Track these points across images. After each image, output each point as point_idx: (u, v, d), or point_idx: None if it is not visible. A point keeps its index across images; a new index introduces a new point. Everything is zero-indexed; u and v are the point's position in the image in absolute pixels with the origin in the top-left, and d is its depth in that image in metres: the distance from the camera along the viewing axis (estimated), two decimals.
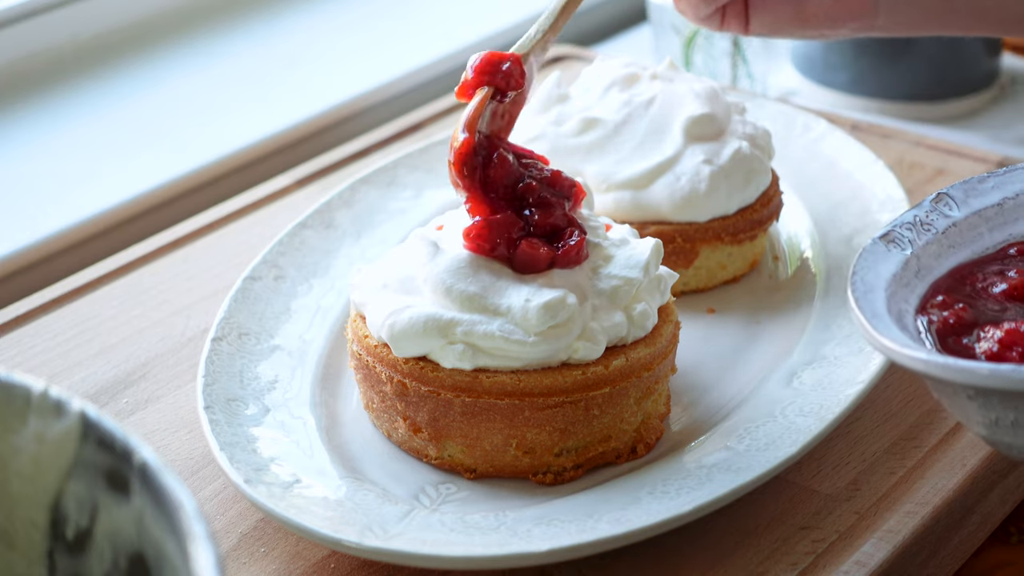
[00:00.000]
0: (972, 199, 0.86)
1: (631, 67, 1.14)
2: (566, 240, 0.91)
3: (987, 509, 0.93)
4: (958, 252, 0.85)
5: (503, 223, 0.90)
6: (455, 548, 0.82)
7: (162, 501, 0.58)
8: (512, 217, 0.91)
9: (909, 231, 0.84)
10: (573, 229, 0.91)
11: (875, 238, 0.83)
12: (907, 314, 0.80)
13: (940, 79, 1.46)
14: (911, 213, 0.85)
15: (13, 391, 0.65)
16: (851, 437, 0.95)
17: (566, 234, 0.91)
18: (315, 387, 0.98)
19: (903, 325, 0.78)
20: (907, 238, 0.83)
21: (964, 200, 0.86)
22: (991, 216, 0.86)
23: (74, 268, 1.21)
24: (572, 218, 0.92)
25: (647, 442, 0.92)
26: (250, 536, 0.89)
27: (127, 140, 1.38)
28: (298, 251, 1.11)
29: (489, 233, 0.90)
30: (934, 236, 0.84)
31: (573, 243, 0.90)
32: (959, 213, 0.86)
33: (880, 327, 0.75)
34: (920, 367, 0.72)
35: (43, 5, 1.47)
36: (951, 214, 0.85)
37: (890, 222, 0.85)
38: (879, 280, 0.80)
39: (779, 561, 0.85)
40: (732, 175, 1.07)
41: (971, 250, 0.85)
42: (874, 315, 0.77)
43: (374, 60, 1.53)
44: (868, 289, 0.79)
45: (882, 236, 0.83)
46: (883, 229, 0.84)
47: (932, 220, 0.85)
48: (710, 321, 1.06)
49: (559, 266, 0.90)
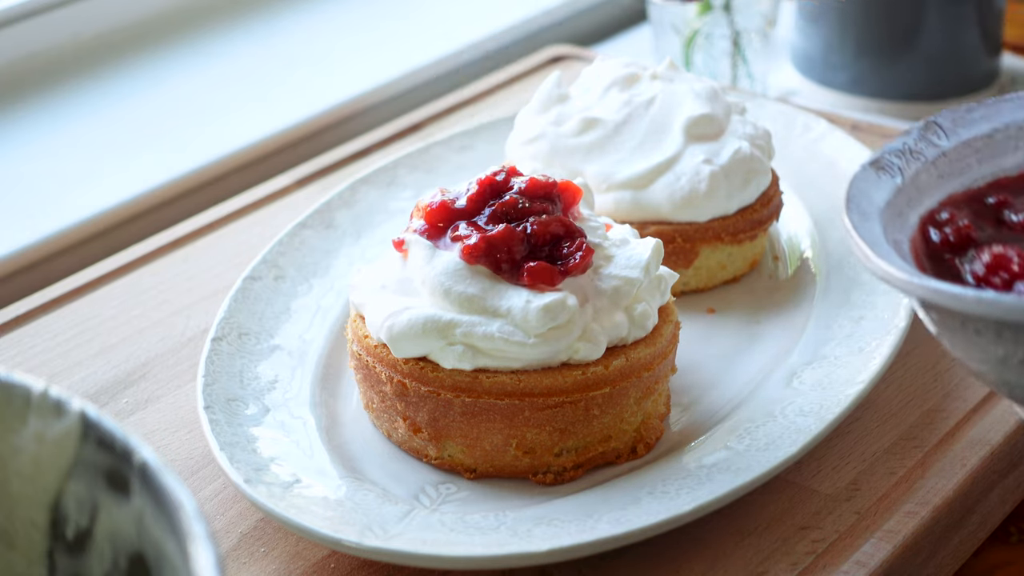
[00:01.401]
0: (961, 128, 0.86)
1: (631, 67, 1.14)
2: (572, 253, 0.90)
3: (987, 509, 0.93)
4: (948, 182, 0.84)
5: (502, 239, 0.89)
6: (455, 548, 0.82)
7: (162, 501, 0.58)
8: (510, 230, 0.90)
9: (898, 158, 0.82)
10: (574, 237, 0.91)
11: (864, 164, 0.82)
12: (902, 243, 0.79)
13: (940, 79, 1.46)
14: (900, 140, 0.84)
15: (13, 391, 0.65)
16: (851, 437, 0.95)
17: (570, 245, 0.90)
18: (315, 387, 0.98)
19: (901, 254, 0.77)
20: (896, 165, 0.82)
21: (953, 129, 0.85)
22: (980, 147, 0.86)
23: (74, 268, 1.21)
24: (569, 224, 0.91)
25: (647, 442, 0.92)
26: (250, 536, 0.89)
27: (127, 140, 1.38)
28: (298, 251, 1.11)
29: (490, 250, 0.89)
30: (923, 165, 0.83)
31: (579, 259, 0.89)
32: (948, 143, 0.85)
33: (882, 254, 0.74)
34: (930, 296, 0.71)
35: (43, 5, 1.47)
36: (940, 143, 0.84)
37: (879, 149, 0.84)
38: (872, 208, 0.79)
39: (779, 561, 0.85)
40: (732, 175, 1.07)
41: (960, 181, 0.85)
42: (874, 243, 0.75)
43: (374, 60, 1.53)
44: (864, 216, 0.78)
45: (872, 163, 0.82)
46: (872, 155, 0.83)
47: (921, 148, 0.84)
48: (710, 321, 1.06)
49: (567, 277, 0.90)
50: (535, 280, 0.88)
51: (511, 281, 0.89)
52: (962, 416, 0.96)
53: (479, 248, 0.89)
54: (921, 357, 1.02)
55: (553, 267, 0.89)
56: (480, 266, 0.89)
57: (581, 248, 0.90)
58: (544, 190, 0.92)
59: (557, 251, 0.90)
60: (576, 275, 0.89)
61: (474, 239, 0.89)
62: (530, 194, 0.92)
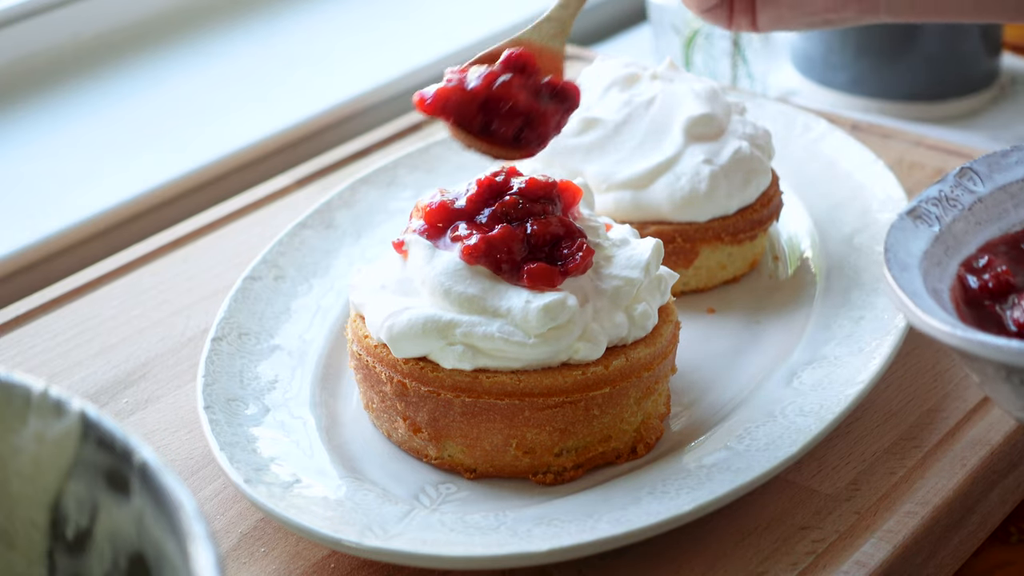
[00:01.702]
0: (996, 174, 0.85)
1: (631, 67, 1.14)
2: (572, 254, 0.90)
3: (987, 509, 0.93)
4: (985, 229, 0.84)
5: (502, 239, 0.89)
6: (455, 548, 0.82)
7: (162, 501, 0.58)
8: (510, 231, 0.90)
9: (935, 206, 0.82)
10: (574, 238, 0.90)
11: (902, 213, 0.82)
12: (942, 293, 0.78)
13: (940, 79, 1.46)
14: (936, 188, 0.84)
15: (13, 391, 0.65)
16: (851, 437, 0.95)
17: (570, 245, 0.90)
18: (315, 387, 0.98)
19: (942, 304, 0.76)
20: (934, 214, 0.81)
21: (988, 175, 0.85)
22: (1016, 192, 0.85)
23: (74, 268, 1.21)
24: (570, 224, 0.91)
25: (647, 442, 0.92)
26: (250, 536, 0.89)
27: (127, 140, 1.38)
28: (298, 251, 1.11)
29: (490, 251, 0.89)
30: (960, 212, 0.83)
31: (579, 259, 0.89)
32: (984, 188, 0.84)
33: (924, 306, 0.74)
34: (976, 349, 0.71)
35: (43, 5, 1.47)
36: (976, 189, 0.84)
37: (916, 197, 0.83)
38: (911, 258, 0.79)
39: (779, 561, 0.85)
40: (732, 175, 1.07)
41: (998, 227, 0.84)
42: (914, 294, 0.75)
43: (374, 60, 1.53)
44: (903, 267, 0.77)
45: (909, 212, 0.82)
46: (909, 204, 0.82)
47: (958, 195, 0.83)
48: (710, 321, 1.06)
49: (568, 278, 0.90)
50: (535, 282, 0.88)
51: (511, 281, 0.89)
52: (962, 416, 0.96)
53: (479, 249, 0.89)
54: (921, 357, 1.02)
55: (553, 268, 0.89)
56: (480, 266, 0.89)
57: (581, 249, 0.90)
58: (544, 190, 0.92)
59: (557, 252, 0.90)
60: (576, 276, 0.89)
61: (474, 239, 0.89)
62: (530, 194, 0.92)
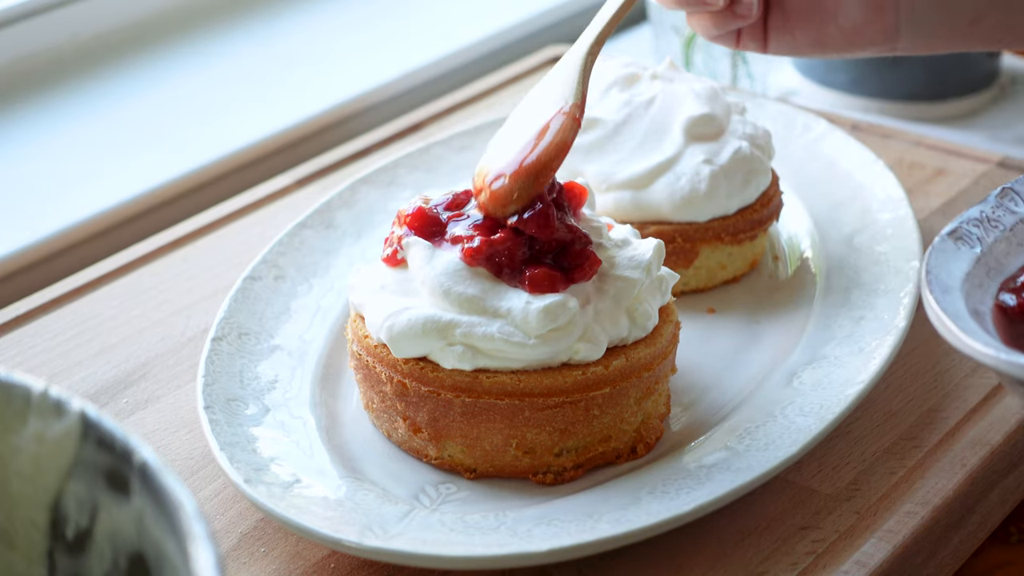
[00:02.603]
0: None
1: (631, 67, 1.14)
2: (579, 262, 0.89)
3: (987, 509, 0.93)
4: None
5: (504, 243, 0.89)
6: (455, 548, 0.82)
7: (162, 501, 0.58)
8: (511, 235, 0.89)
9: (976, 227, 0.82)
10: (579, 244, 0.90)
11: (943, 235, 0.81)
12: (985, 315, 0.78)
13: (940, 79, 1.46)
14: (976, 209, 0.83)
15: (13, 391, 0.65)
16: (851, 437, 0.95)
17: (577, 252, 0.89)
18: (315, 387, 0.98)
19: (984, 326, 0.76)
20: (975, 235, 0.81)
21: None
22: None
23: (74, 268, 1.21)
24: (576, 229, 0.91)
25: (647, 442, 0.92)
26: (250, 536, 0.89)
27: (127, 140, 1.38)
28: (298, 251, 1.11)
29: (491, 253, 0.89)
30: (1002, 233, 0.82)
31: (586, 268, 0.89)
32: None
33: (966, 329, 0.74)
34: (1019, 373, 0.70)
35: (43, 5, 1.47)
36: (1018, 210, 0.84)
37: (956, 218, 0.83)
38: (953, 280, 0.78)
39: (779, 561, 0.85)
40: (732, 175, 1.07)
41: None
42: (957, 317, 0.75)
43: (374, 60, 1.53)
44: (945, 290, 0.77)
45: (950, 233, 0.81)
46: (950, 225, 0.82)
47: (999, 216, 0.83)
48: (710, 321, 1.06)
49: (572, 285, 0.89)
50: (536, 288, 0.88)
51: (512, 284, 0.89)
52: (962, 416, 0.96)
53: (480, 251, 0.89)
54: (921, 357, 1.02)
55: (555, 273, 0.88)
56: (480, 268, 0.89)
57: (588, 256, 0.89)
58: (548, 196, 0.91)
59: (563, 258, 0.89)
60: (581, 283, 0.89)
61: (476, 242, 0.89)
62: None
